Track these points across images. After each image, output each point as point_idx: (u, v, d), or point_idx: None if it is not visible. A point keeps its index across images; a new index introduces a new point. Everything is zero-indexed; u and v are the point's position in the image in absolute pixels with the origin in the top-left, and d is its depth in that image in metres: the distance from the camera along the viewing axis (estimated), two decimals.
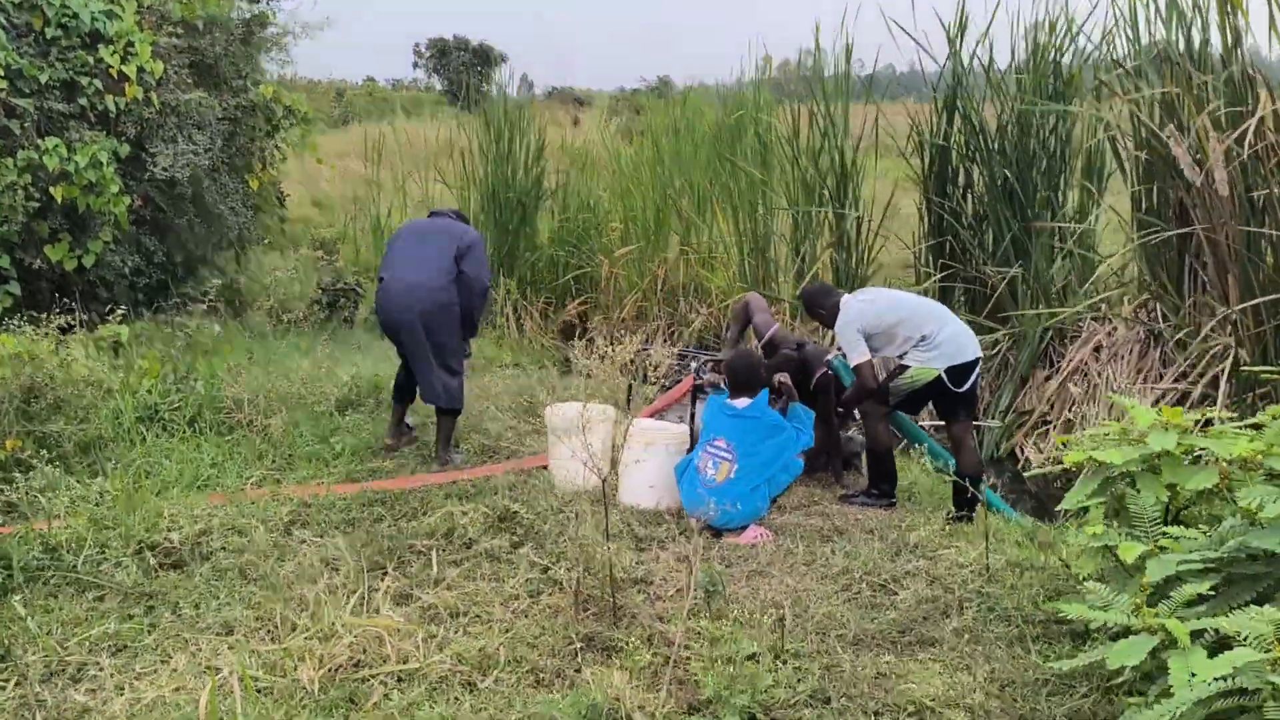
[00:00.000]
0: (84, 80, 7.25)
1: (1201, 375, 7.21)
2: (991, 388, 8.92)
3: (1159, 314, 8.28)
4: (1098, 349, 8.78)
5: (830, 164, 10.28)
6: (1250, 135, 6.89)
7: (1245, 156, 6.88)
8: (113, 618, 3.72)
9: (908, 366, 5.17)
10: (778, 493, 4.82)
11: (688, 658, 3.41)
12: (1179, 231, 7.64)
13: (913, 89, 12.22)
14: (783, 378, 5.28)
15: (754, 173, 10.92)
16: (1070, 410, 8.56)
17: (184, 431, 5.45)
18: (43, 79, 7.02)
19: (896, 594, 4.04)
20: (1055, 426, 8.50)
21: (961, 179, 9.74)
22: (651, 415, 5.84)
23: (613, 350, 3.86)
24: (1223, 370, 7.00)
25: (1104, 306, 9.01)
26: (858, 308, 5.25)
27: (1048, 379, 8.82)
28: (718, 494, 4.56)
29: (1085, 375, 8.69)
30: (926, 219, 9.94)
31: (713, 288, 11.74)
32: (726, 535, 4.65)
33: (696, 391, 5.86)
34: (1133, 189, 8.46)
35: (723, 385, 5.16)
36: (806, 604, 3.91)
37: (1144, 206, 8.30)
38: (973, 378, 5.14)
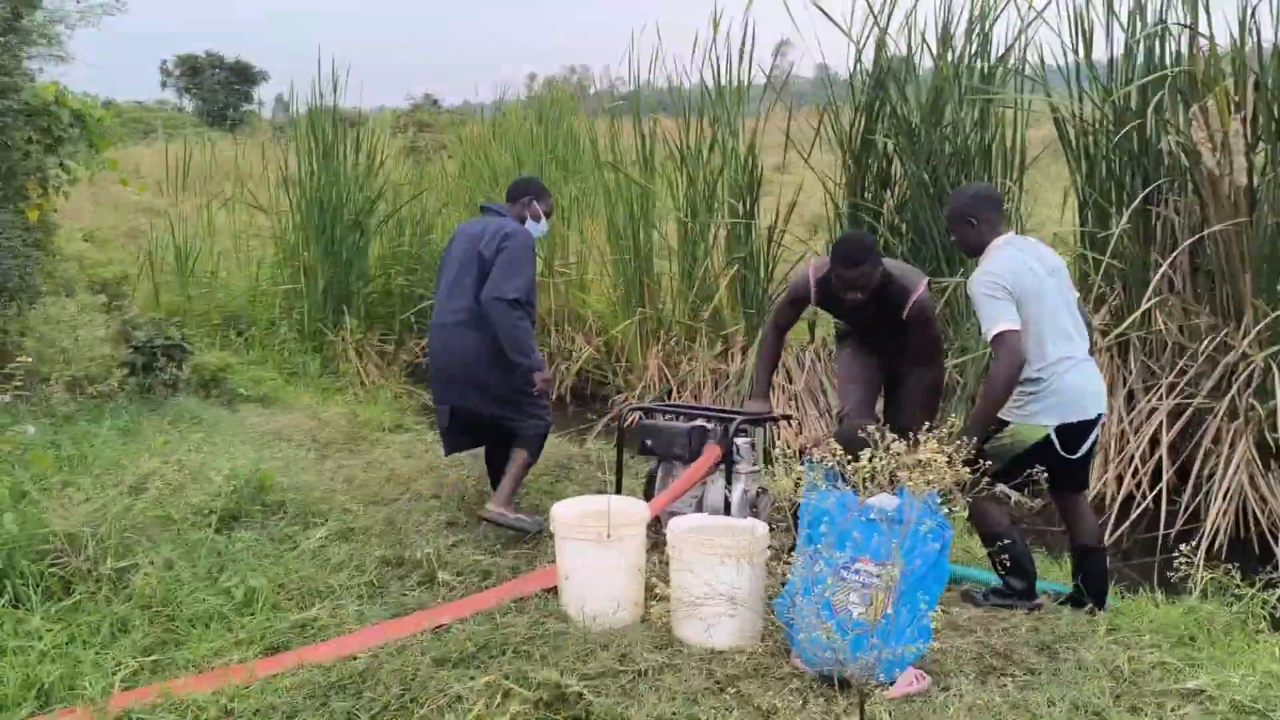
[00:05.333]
0: None
1: (1218, 391, 6.37)
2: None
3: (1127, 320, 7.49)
4: None
5: (725, 169, 9.05)
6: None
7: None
8: None
9: (1006, 422, 3.91)
10: (933, 610, 3.42)
11: None
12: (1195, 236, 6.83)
13: (804, 97, 11.11)
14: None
15: (639, 181, 9.52)
16: None
17: None
18: None
19: None
20: None
21: (874, 184, 8.72)
22: (664, 506, 4.36)
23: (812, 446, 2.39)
24: (1240, 382, 6.20)
25: None
26: (1013, 258, 3.85)
27: None
28: (867, 640, 3.15)
29: None
30: (843, 227, 8.86)
31: (589, 314, 10.31)
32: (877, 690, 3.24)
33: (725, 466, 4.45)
34: (1082, 186, 7.70)
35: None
36: None
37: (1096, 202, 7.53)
38: (1091, 439, 3.93)
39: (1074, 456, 3.91)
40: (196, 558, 3.97)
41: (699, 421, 4.63)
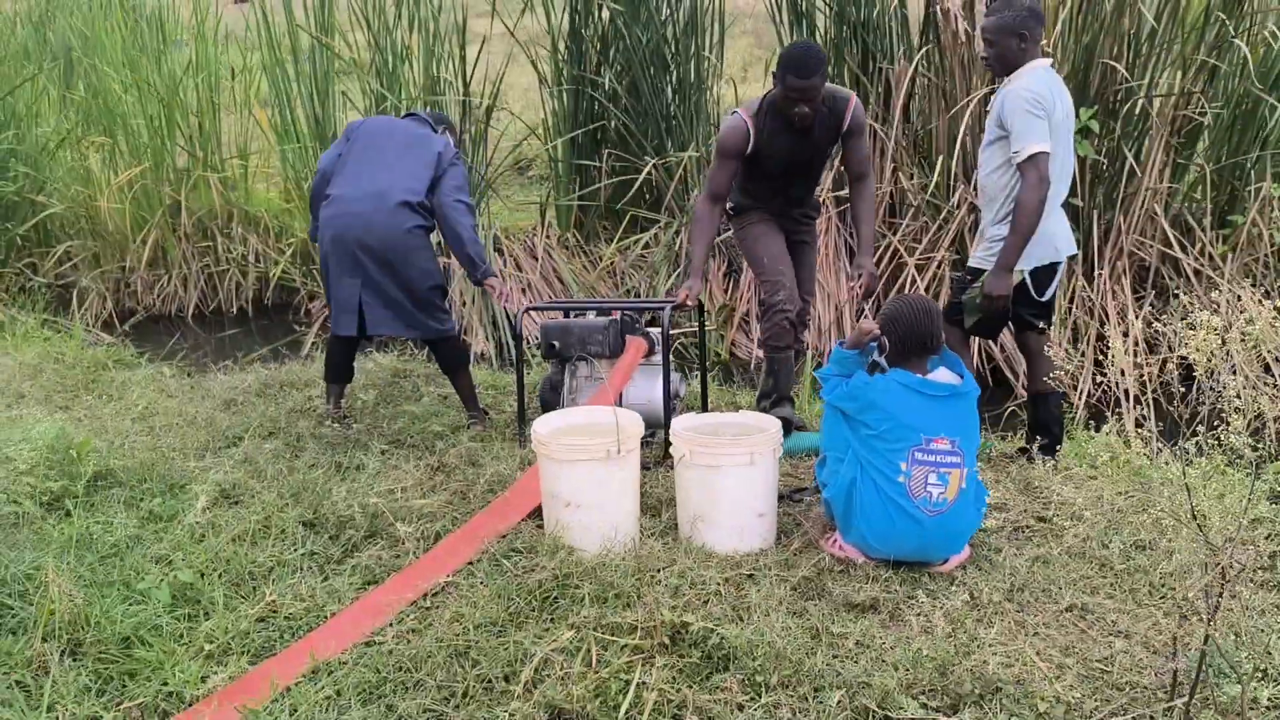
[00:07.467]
0: None
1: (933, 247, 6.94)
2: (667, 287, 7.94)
3: None
4: None
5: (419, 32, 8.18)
6: None
7: None
8: None
9: (980, 271, 3.95)
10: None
11: None
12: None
13: None
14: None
15: (319, 38, 8.32)
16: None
17: None
18: None
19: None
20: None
21: (594, 55, 8.39)
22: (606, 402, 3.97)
23: None
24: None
25: None
26: (1051, 85, 3.77)
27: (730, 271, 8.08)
28: (950, 517, 3.09)
29: None
30: (562, 102, 8.44)
31: (262, 213, 9.06)
32: (933, 566, 3.20)
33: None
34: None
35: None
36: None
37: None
38: (1058, 278, 4.00)
39: (1044, 299, 3.97)
40: (67, 559, 2.98)
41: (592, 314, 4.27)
